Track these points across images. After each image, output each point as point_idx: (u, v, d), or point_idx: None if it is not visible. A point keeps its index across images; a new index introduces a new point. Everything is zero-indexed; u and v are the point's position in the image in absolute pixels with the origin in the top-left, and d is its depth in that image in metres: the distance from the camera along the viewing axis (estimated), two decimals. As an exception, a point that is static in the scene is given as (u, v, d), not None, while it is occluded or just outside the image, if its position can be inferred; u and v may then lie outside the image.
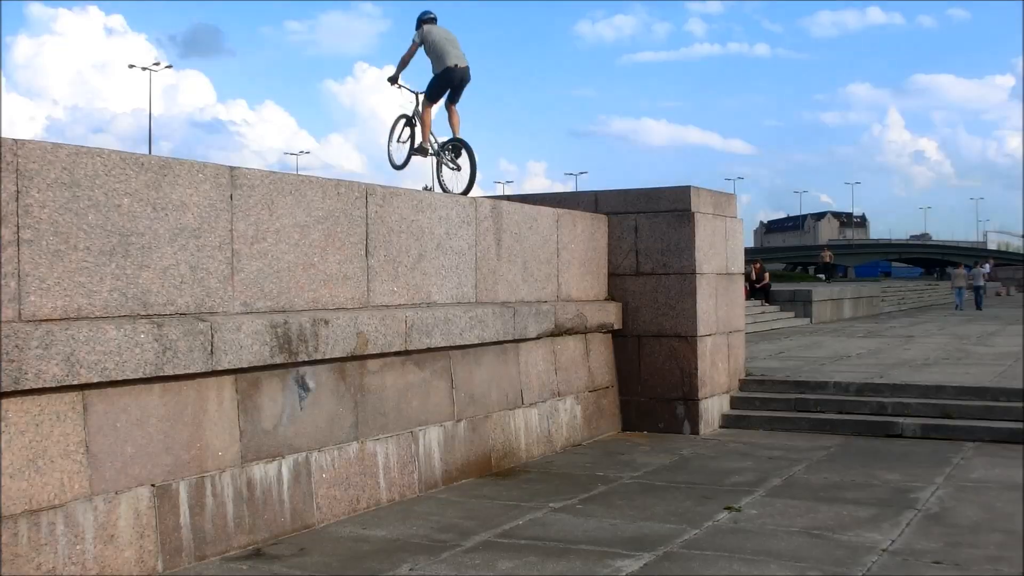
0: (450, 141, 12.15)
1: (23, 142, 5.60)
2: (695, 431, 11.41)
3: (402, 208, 8.58)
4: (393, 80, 12.24)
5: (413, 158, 12.35)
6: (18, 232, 5.52)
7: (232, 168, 7.00)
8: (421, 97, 12.12)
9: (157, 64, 69.09)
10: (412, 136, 12.25)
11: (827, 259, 52.69)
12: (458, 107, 12.19)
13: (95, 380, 5.74)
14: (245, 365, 6.77)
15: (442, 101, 12.15)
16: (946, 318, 31.38)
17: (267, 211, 7.20)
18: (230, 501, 6.63)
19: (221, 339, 6.52)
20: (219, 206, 6.80)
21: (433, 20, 11.95)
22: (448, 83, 11.88)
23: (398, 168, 12.27)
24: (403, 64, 12.10)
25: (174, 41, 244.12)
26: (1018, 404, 11.20)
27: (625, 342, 11.81)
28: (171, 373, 6.21)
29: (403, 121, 12.27)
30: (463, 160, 12.09)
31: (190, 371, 6.34)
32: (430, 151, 12.12)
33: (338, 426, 7.68)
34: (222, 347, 6.53)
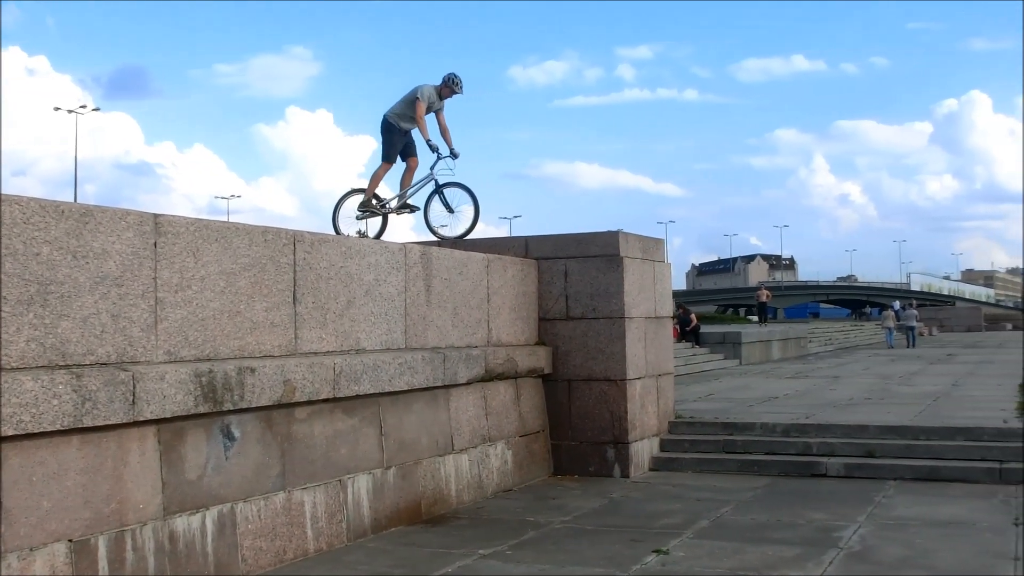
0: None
1: (-61, 191, 5.51)
2: (625, 474, 11.46)
3: (331, 255, 8.57)
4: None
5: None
6: (-67, 282, 5.42)
7: (156, 215, 6.94)
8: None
9: (84, 107, 68.40)
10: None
11: (764, 298, 51.90)
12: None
13: (10, 433, 5.62)
14: (168, 415, 6.68)
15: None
16: (870, 359, 31.95)
17: (192, 258, 7.14)
18: (151, 555, 6.51)
19: (143, 389, 6.43)
20: (143, 254, 6.73)
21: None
22: None
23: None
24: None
25: (99, 82, 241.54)
26: (937, 442, 11.44)
27: (556, 386, 11.85)
28: (91, 424, 6.10)
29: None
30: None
31: (111, 422, 6.24)
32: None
33: (265, 475, 7.59)
34: (144, 397, 6.44)
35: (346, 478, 8.43)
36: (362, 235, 12.31)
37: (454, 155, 12.39)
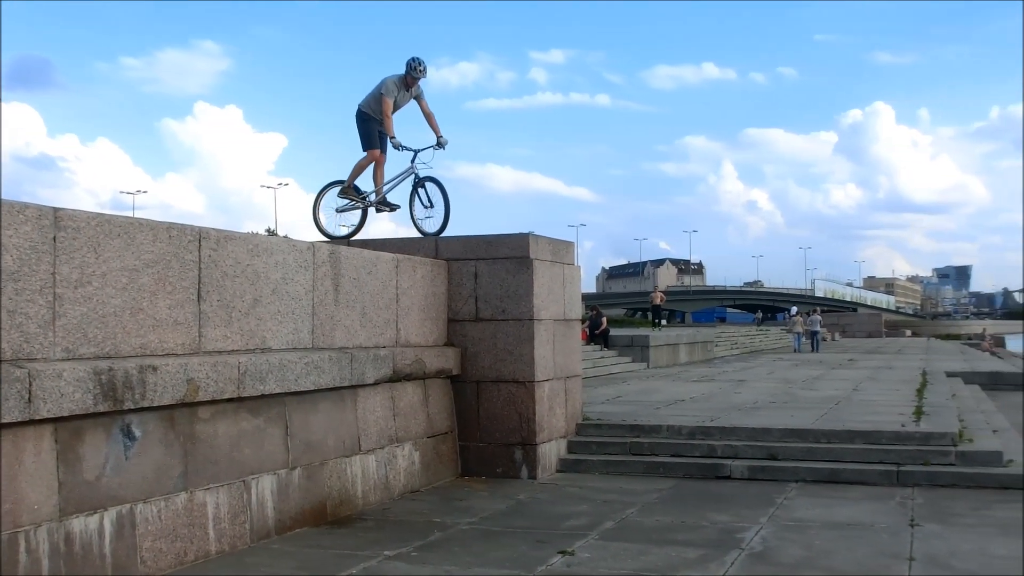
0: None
1: None
2: (533, 476, 11.50)
3: (237, 252, 8.44)
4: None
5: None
6: None
7: (56, 209, 6.76)
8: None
9: (-16, 98, 66.37)
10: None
11: (658, 300, 50.98)
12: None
13: (-101, 431, 5.43)
14: (66, 414, 6.51)
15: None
16: (775, 363, 32.58)
17: (93, 254, 6.97)
18: (46, 557, 6.33)
19: (40, 387, 6.25)
20: (41, 248, 6.55)
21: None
22: None
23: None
24: None
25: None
26: (837, 445, 11.71)
27: (464, 388, 11.84)
28: (-16, 423, 5.92)
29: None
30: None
31: (5, 421, 6.05)
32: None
33: (166, 476, 7.44)
34: (41, 395, 6.26)
35: (250, 479, 8.31)
36: (336, 238, 12.66)
37: (441, 144, 12.61)
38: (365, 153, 12.66)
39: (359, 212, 12.96)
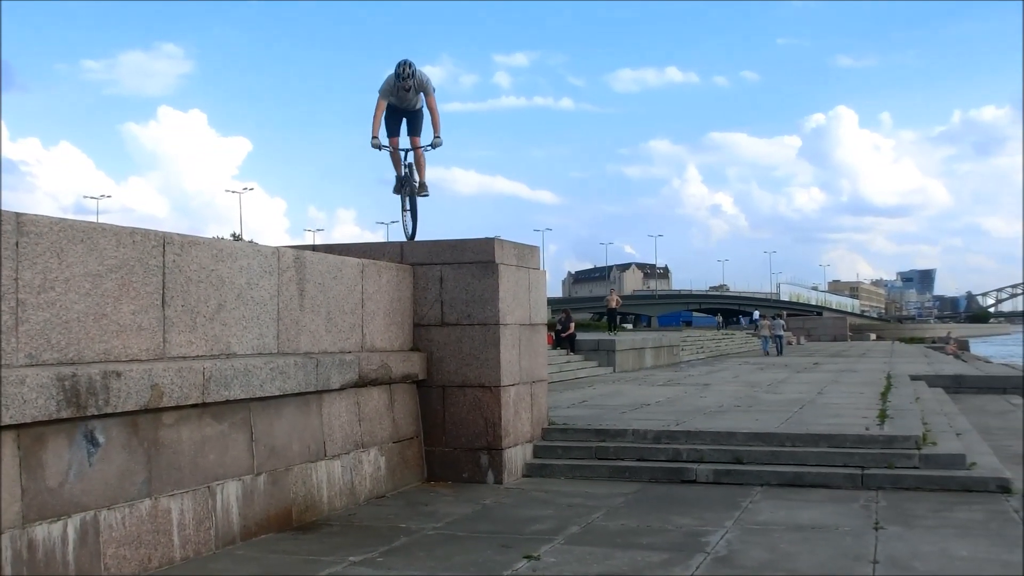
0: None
1: None
2: (499, 480, 11.51)
3: (201, 257, 8.40)
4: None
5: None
6: None
7: (19, 214, 6.71)
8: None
9: (-56, 100, 65.57)
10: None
11: (614, 304, 50.04)
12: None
13: None
14: (29, 420, 6.46)
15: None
16: (740, 366, 32.77)
17: (56, 259, 6.93)
18: (8, 564, 6.28)
19: (2, 393, 6.20)
20: (4, 254, 6.50)
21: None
22: None
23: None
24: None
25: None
26: (802, 448, 11.81)
27: (430, 392, 11.84)
28: (-55, 430, 5.86)
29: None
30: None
31: (-34, 427, 6.01)
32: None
33: (130, 482, 7.40)
34: (3, 402, 6.21)
35: (215, 484, 8.28)
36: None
37: (434, 145, 13.09)
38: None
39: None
